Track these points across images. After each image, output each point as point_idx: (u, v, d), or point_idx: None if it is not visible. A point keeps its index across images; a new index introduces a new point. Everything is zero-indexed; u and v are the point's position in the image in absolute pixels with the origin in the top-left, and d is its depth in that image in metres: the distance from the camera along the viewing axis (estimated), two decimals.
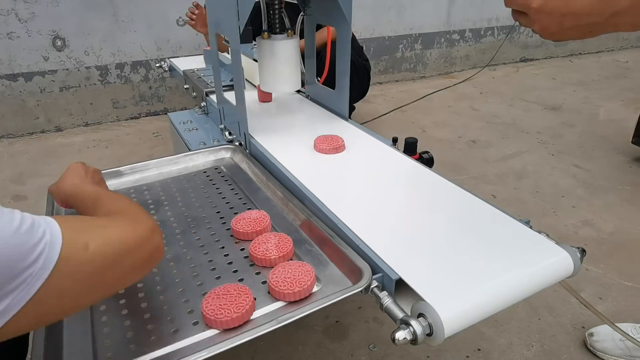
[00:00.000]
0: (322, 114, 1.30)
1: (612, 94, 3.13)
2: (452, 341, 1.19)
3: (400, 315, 0.58)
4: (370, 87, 2.50)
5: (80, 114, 2.71)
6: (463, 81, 3.48)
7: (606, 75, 3.62)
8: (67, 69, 2.58)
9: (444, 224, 0.76)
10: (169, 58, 2.19)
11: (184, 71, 1.71)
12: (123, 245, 0.51)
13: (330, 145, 1.03)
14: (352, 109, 2.48)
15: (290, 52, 1.16)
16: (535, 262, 0.66)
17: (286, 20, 1.17)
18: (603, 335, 1.15)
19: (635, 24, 0.48)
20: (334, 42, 1.23)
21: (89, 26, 2.53)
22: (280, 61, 1.16)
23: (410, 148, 1.04)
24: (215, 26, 1.12)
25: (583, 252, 0.71)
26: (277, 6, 1.14)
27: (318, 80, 1.39)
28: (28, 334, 0.77)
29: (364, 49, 3.06)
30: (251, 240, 0.76)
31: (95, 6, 2.50)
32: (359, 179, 0.92)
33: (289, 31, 1.16)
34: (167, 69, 2.06)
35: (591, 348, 1.16)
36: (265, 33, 1.14)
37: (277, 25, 1.15)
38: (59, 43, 2.50)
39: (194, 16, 2.11)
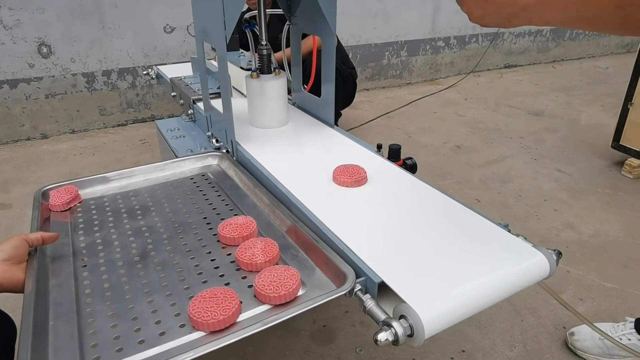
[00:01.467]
0: (309, 121, 1.32)
1: (593, 100, 3.21)
2: (436, 343, 1.21)
3: (382, 317, 0.60)
4: (357, 94, 2.53)
5: (67, 121, 2.69)
6: (448, 87, 3.54)
7: (587, 81, 3.71)
8: (53, 76, 2.57)
9: (426, 228, 0.78)
10: (156, 65, 2.20)
11: (171, 79, 1.72)
12: None
13: None
14: (338, 115, 2.51)
15: (278, 91, 1.21)
16: (512, 264, 0.69)
17: (273, 59, 1.23)
18: (583, 335, 1.18)
19: (543, 20, 0.53)
20: (319, 51, 1.25)
21: (75, 33, 2.52)
22: (270, 100, 1.21)
23: (394, 154, 1.06)
24: (202, 35, 1.13)
25: (559, 254, 0.74)
26: (265, 54, 1.19)
27: (304, 88, 1.41)
28: (14, 337, 0.77)
29: (350, 56, 3.10)
30: (238, 246, 0.77)
31: (82, 13, 2.50)
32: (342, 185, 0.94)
33: (276, 70, 1.21)
34: (154, 76, 2.06)
35: (572, 347, 1.19)
36: (254, 73, 1.19)
37: (265, 68, 1.21)
38: (44, 50, 2.49)
39: None
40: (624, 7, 0.47)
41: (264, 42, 1.21)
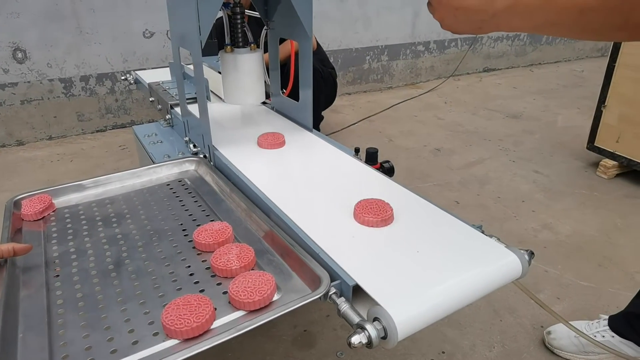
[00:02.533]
0: (287, 126, 1.32)
1: (569, 102, 3.28)
2: (416, 344, 1.22)
3: (356, 319, 0.60)
4: (339, 98, 2.55)
5: (44, 128, 2.64)
6: (428, 91, 3.58)
7: (564, 84, 3.79)
8: (29, 82, 2.52)
9: (400, 230, 0.78)
10: (135, 70, 2.17)
11: (149, 84, 1.70)
12: None
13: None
14: (320, 118, 2.51)
15: (253, 65, 1.18)
16: (485, 265, 0.70)
17: (249, 34, 1.19)
18: (559, 333, 1.20)
19: (511, 26, 0.56)
20: (297, 55, 1.26)
21: (51, 38, 2.48)
22: (244, 74, 1.18)
23: (371, 158, 1.07)
24: (178, 40, 1.13)
25: (532, 254, 0.75)
26: (239, 21, 1.16)
27: (283, 93, 1.42)
28: None
29: (332, 60, 3.11)
30: (213, 252, 0.76)
31: (58, 18, 2.46)
32: (320, 188, 0.94)
33: (252, 45, 1.18)
34: (132, 81, 2.04)
35: (549, 346, 1.21)
36: (228, 47, 1.16)
37: (240, 39, 1.17)
38: (19, 55, 2.45)
39: None
40: (585, 13, 0.49)
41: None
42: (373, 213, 0.80)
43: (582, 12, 0.49)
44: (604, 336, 1.15)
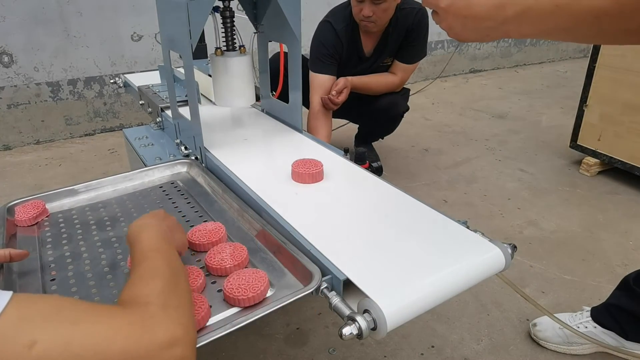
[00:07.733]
0: (277, 127, 1.34)
1: (553, 102, 3.35)
2: (406, 340, 1.24)
3: (347, 312, 0.62)
4: None
5: (31, 132, 2.63)
6: (416, 92, 3.61)
7: (548, 84, 3.86)
8: (16, 86, 2.51)
9: (389, 226, 0.81)
10: (123, 74, 2.18)
11: (138, 87, 1.71)
12: (101, 357, 0.38)
13: None
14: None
15: (243, 68, 1.20)
16: (470, 258, 0.72)
17: (239, 38, 1.22)
18: (544, 325, 1.24)
19: (521, 32, 0.56)
20: (287, 58, 1.28)
21: (38, 41, 2.47)
22: (234, 77, 1.20)
23: (360, 158, 1.09)
24: (169, 43, 1.14)
25: (514, 247, 0.78)
26: (229, 24, 1.18)
27: (273, 95, 1.44)
28: None
29: None
30: (207, 251, 0.78)
31: (45, 21, 2.45)
32: (309, 187, 0.97)
33: (242, 48, 1.20)
34: (121, 85, 2.04)
35: (534, 338, 1.24)
36: (218, 50, 1.18)
37: (230, 43, 1.19)
38: (5, 59, 2.43)
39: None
40: (600, 19, 0.49)
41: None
42: None
43: (598, 18, 0.49)
44: (586, 327, 1.19)
